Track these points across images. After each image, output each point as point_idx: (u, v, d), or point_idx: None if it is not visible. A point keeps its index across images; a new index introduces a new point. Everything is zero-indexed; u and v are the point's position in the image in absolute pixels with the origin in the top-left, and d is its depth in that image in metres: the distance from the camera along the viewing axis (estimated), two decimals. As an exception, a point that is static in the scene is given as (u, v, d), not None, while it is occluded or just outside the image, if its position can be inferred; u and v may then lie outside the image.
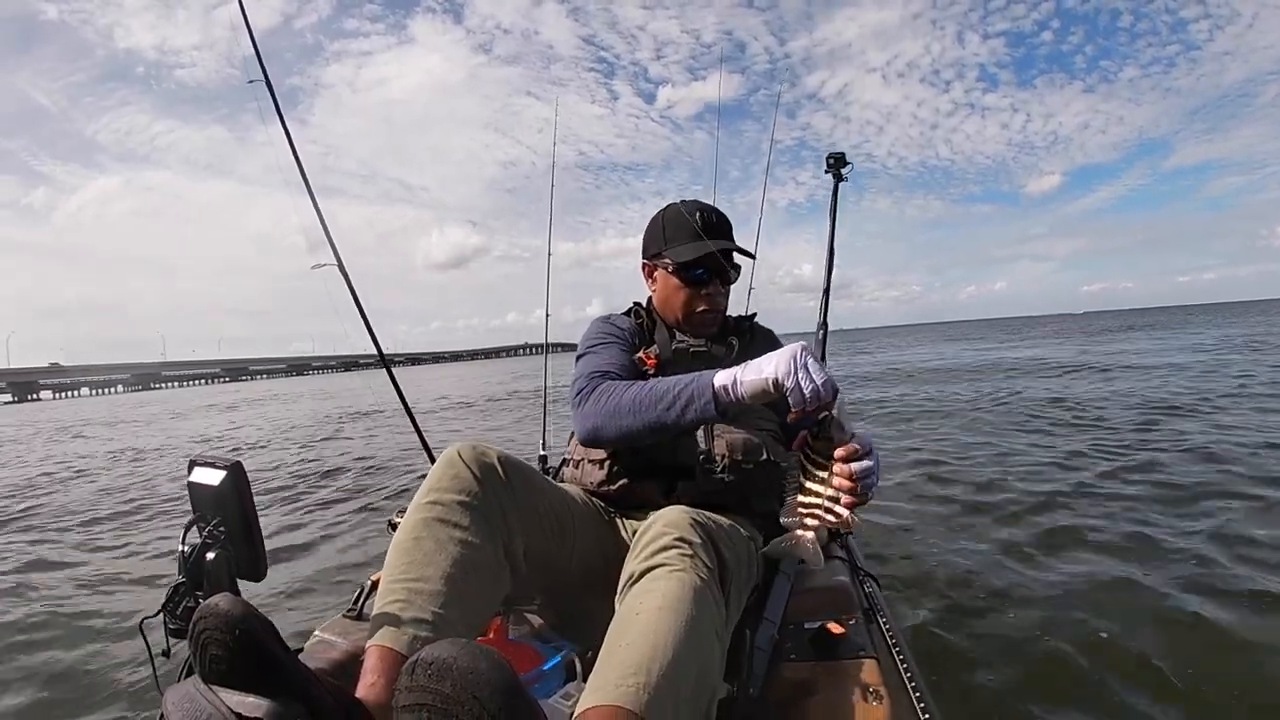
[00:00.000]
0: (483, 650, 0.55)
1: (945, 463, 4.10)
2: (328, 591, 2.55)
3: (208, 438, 9.97)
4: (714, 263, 1.21)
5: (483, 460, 0.93)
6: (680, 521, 0.86)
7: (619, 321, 1.28)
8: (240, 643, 0.61)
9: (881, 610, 1.12)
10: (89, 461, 7.66)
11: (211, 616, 0.62)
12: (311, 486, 4.74)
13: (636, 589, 0.80)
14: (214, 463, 0.89)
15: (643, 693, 0.65)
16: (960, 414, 6.25)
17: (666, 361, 1.18)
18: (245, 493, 0.87)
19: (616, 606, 0.81)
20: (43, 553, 3.41)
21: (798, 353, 0.87)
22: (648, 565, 0.81)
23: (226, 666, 0.62)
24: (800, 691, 0.90)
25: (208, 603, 0.63)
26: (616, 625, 0.76)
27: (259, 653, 0.62)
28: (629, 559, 0.87)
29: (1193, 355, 10.96)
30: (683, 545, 0.83)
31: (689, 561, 0.81)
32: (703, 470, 1.10)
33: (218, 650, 0.62)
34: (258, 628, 0.62)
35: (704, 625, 0.75)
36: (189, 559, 0.85)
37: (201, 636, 0.63)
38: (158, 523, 3.99)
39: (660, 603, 0.75)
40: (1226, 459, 3.61)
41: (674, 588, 0.77)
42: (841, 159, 2.24)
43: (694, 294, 1.22)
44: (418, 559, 0.84)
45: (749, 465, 1.11)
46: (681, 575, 0.78)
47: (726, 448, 1.11)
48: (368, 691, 0.73)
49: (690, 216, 1.22)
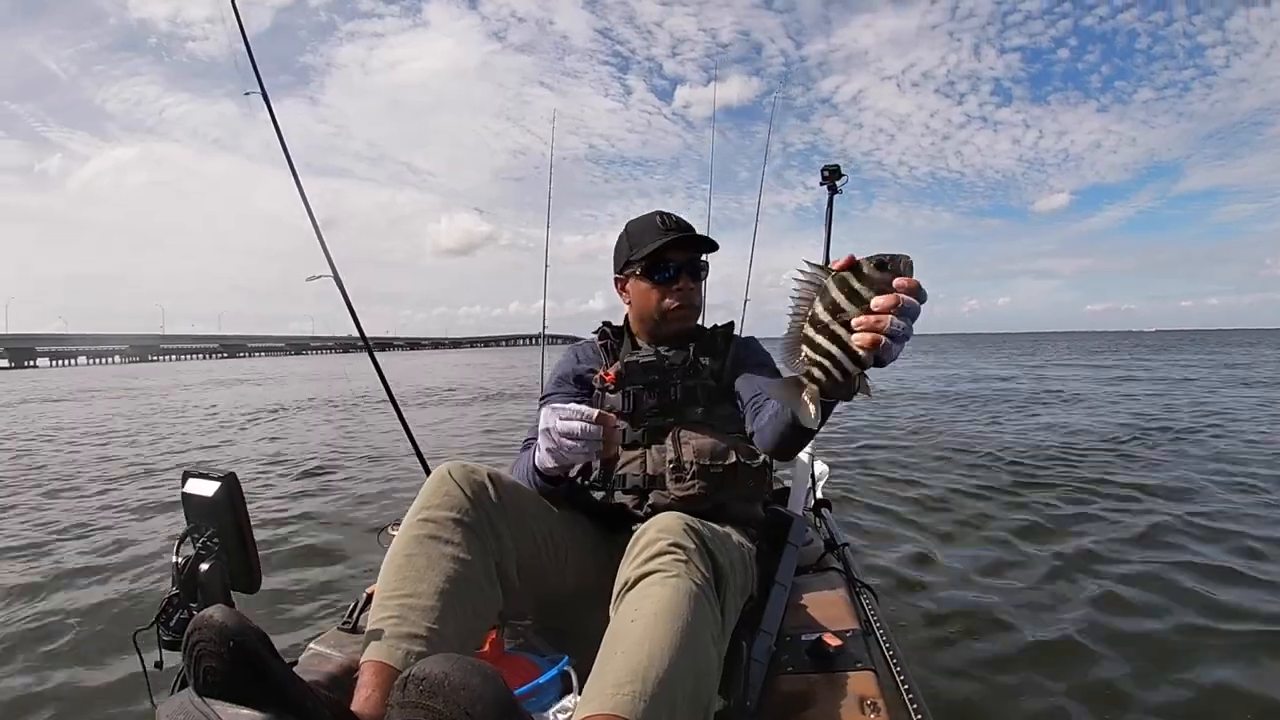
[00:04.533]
0: (476, 666, 0.55)
1: (943, 475, 4.11)
2: (322, 603, 2.53)
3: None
4: (681, 259, 1.24)
5: (473, 479, 0.94)
6: (674, 527, 0.86)
7: (578, 353, 1.35)
8: (235, 655, 0.61)
9: (879, 622, 1.12)
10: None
11: (206, 628, 0.62)
12: (303, 493, 4.70)
13: (631, 596, 0.80)
14: (208, 474, 0.88)
15: (638, 701, 0.64)
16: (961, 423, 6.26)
17: (622, 376, 1.21)
18: (239, 504, 0.87)
19: (611, 614, 0.81)
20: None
21: (543, 419, 0.96)
22: (642, 571, 0.81)
23: (221, 679, 0.61)
24: (797, 703, 0.89)
25: (202, 614, 0.63)
26: (611, 633, 0.76)
27: (253, 665, 0.61)
28: (623, 565, 0.87)
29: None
30: (677, 551, 0.82)
31: (684, 567, 0.80)
32: (673, 478, 1.11)
33: (212, 662, 0.61)
34: (252, 640, 0.62)
35: (700, 632, 0.75)
36: (183, 570, 0.84)
37: (196, 649, 0.62)
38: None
39: (655, 609, 0.74)
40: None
41: (669, 594, 0.76)
42: (836, 171, 2.26)
43: (665, 291, 1.25)
44: (410, 575, 0.84)
45: (717, 469, 1.11)
46: (676, 581, 0.78)
47: (694, 453, 1.11)
48: (363, 705, 0.72)
49: (649, 221, 1.27)
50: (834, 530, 1.62)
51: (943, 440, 5.43)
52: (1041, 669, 1.74)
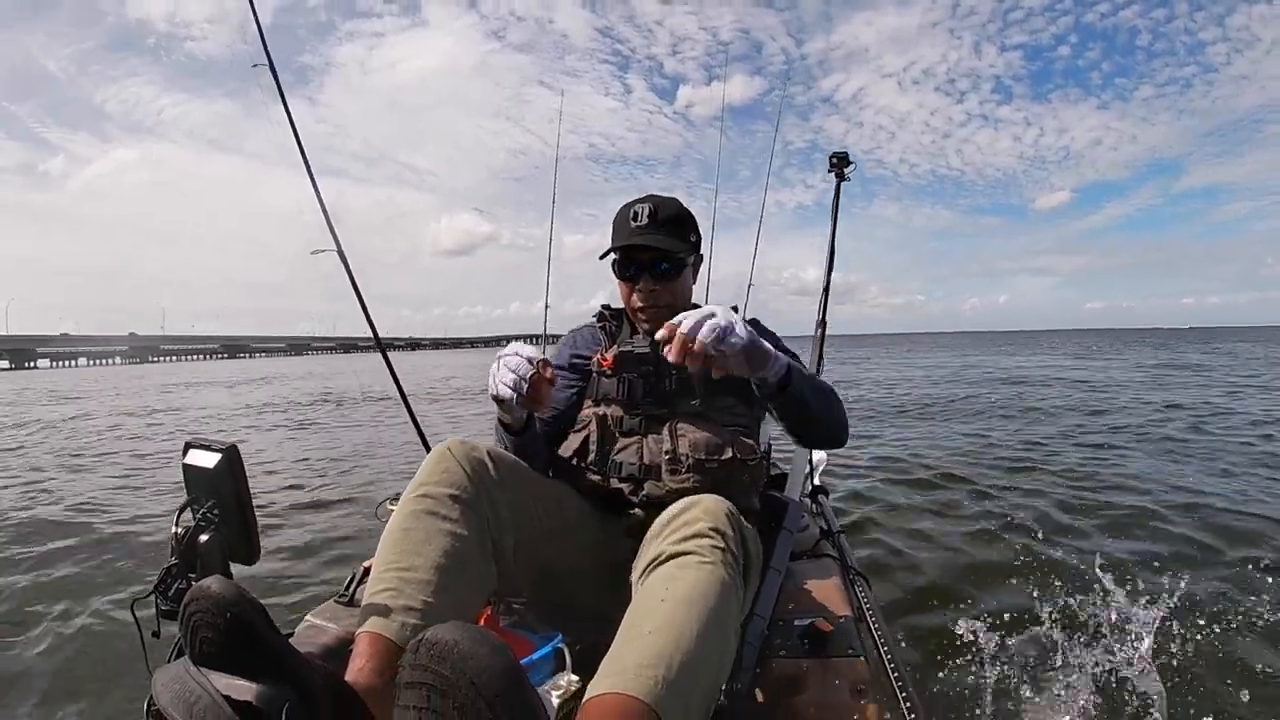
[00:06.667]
0: (485, 636, 0.55)
1: (940, 466, 4.12)
2: (320, 576, 2.55)
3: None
4: (644, 258, 1.19)
5: (473, 455, 0.93)
6: (718, 511, 0.85)
7: (576, 339, 1.32)
8: (231, 626, 0.61)
9: (872, 609, 1.13)
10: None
11: (203, 599, 0.62)
12: (305, 471, 4.74)
13: (661, 572, 0.78)
14: (209, 445, 0.88)
15: (660, 686, 0.64)
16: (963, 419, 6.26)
17: (620, 361, 1.18)
18: (240, 476, 0.87)
19: (635, 586, 0.80)
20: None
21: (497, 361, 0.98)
22: (677, 550, 0.80)
23: (216, 649, 0.61)
24: (789, 688, 0.90)
25: (199, 585, 0.63)
26: (638, 608, 0.75)
27: (249, 636, 0.61)
28: (653, 539, 0.85)
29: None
30: (715, 536, 0.81)
31: (720, 555, 0.79)
32: (669, 469, 1.09)
33: (208, 633, 0.61)
34: (249, 611, 0.62)
35: (728, 624, 0.74)
36: (182, 541, 0.85)
37: (193, 619, 0.62)
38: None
39: (688, 593, 0.73)
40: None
41: (704, 579, 0.75)
42: (845, 158, 2.23)
43: (630, 290, 1.22)
44: (407, 549, 0.84)
45: (713, 464, 1.08)
46: (713, 568, 0.77)
47: (689, 446, 1.09)
48: (356, 675, 0.73)
49: (626, 212, 1.21)
50: (830, 517, 1.63)
51: (948, 428, 5.44)
52: (1037, 660, 1.75)
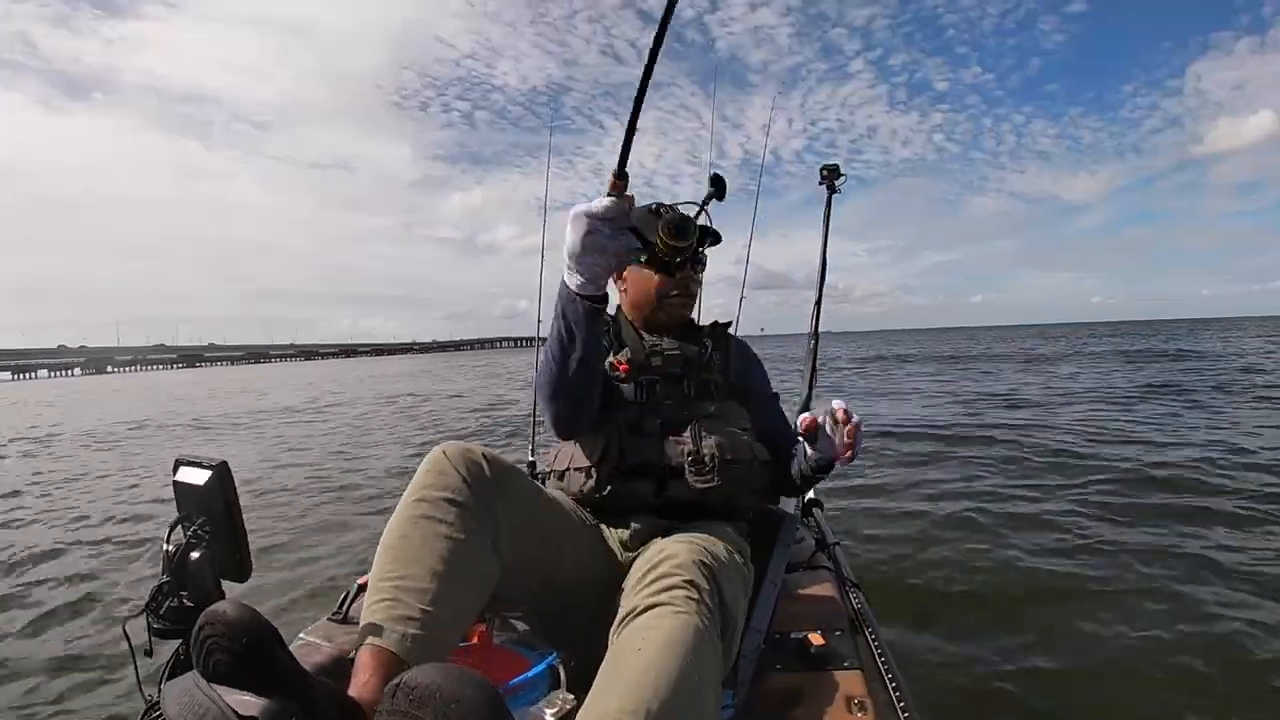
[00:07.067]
0: (469, 677, 0.54)
1: (932, 480, 4.12)
2: (312, 593, 2.53)
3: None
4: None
5: (469, 459, 0.92)
6: (688, 562, 0.86)
7: None
8: (247, 649, 0.61)
9: (869, 622, 1.12)
10: None
11: (218, 623, 0.62)
12: (294, 488, 4.70)
13: (638, 624, 0.79)
14: (200, 462, 0.88)
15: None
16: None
17: (640, 365, 1.18)
18: (231, 493, 0.87)
19: (612, 639, 0.81)
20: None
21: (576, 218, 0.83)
22: (653, 601, 0.81)
23: (229, 670, 0.62)
24: (785, 701, 0.90)
25: (213, 609, 0.63)
26: (615, 659, 0.75)
27: (264, 658, 0.62)
28: (629, 592, 0.86)
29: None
30: (689, 588, 0.82)
31: (694, 605, 0.80)
32: (692, 470, 1.10)
33: (222, 656, 0.61)
34: (264, 634, 0.62)
35: (707, 674, 0.74)
36: (173, 559, 0.84)
37: (207, 642, 0.62)
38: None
39: (665, 641, 0.74)
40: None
41: (679, 627, 0.76)
42: (835, 170, 2.23)
43: (668, 279, 1.21)
44: (404, 556, 0.83)
45: (737, 464, 1.10)
46: (686, 618, 0.78)
47: (715, 447, 1.10)
48: (361, 690, 0.72)
49: (653, 211, 1.21)
50: (825, 529, 1.63)
51: (941, 433, 5.45)
52: (1030, 670, 1.75)
